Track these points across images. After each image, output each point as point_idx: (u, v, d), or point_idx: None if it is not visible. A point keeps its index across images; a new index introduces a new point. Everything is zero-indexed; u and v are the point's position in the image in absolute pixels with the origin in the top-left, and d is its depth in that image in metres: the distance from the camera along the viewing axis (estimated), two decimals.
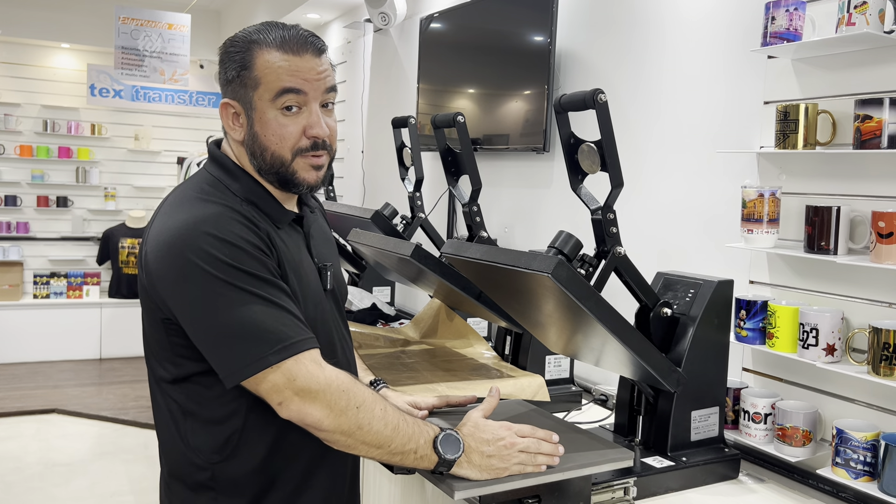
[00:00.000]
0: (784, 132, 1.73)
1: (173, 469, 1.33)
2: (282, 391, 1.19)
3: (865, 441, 1.54)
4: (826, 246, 1.64)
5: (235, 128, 1.32)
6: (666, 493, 1.59)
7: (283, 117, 1.28)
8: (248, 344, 1.17)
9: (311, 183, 1.33)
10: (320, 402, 1.20)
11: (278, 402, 1.20)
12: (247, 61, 1.28)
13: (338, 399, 1.20)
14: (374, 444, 1.23)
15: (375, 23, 3.98)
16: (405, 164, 2.64)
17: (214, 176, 1.32)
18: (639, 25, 2.34)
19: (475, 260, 1.49)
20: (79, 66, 7.18)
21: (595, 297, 1.36)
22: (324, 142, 1.31)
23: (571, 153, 1.63)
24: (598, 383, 2.31)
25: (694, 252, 2.11)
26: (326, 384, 1.20)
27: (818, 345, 1.64)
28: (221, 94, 1.34)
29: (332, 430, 1.21)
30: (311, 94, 1.29)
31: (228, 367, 1.19)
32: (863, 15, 1.57)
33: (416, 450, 1.25)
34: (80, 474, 4.33)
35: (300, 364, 1.19)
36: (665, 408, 1.67)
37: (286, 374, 1.18)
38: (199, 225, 1.20)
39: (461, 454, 1.28)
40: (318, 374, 1.20)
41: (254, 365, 1.18)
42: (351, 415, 1.21)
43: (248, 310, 1.18)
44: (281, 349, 1.18)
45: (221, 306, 1.18)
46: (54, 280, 6.92)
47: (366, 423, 1.22)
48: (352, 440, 1.22)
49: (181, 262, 1.19)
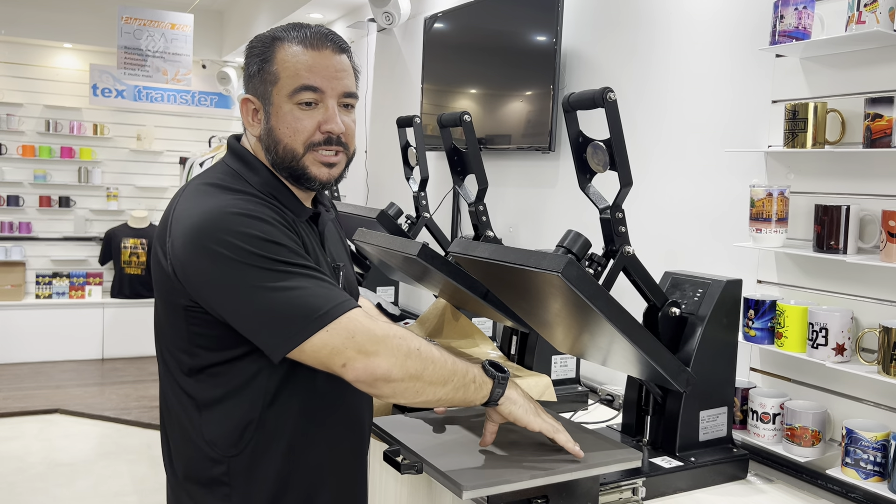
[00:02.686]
0: (793, 131, 1.72)
1: (187, 469, 1.32)
2: (343, 352, 1.18)
3: (875, 441, 1.53)
4: (835, 245, 1.63)
5: (254, 124, 1.33)
6: (675, 494, 1.58)
7: (298, 111, 1.29)
8: (298, 312, 1.17)
9: (323, 179, 1.32)
10: (384, 353, 1.19)
11: (342, 363, 1.18)
12: (267, 56, 1.30)
13: (399, 346, 1.20)
14: (440, 381, 1.24)
15: (379, 22, 3.98)
16: (410, 164, 2.64)
17: (234, 169, 1.33)
18: (645, 24, 2.34)
19: (484, 259, 1.49)
20: (81, 66, 7.18)
21: (605, 296, 1.36)
22: (338, 138, 1.31)
23: (580, 152, 1.62)
24: (604, 383, 2.30)
25: (701, 251, 2.10)
26: (384, 335, 1.20)
27: (828, 344, 1.63)
28: (244, 90, 1.35)
29: (401, 378, 1.20)
30: (329, 92, 1.29)
31: (280, 338, 1.18)
32: (873, 13, 1.56)
33: (474, 379, 1.28)
34: (83, 474, 4.33)
35: (353, 322, 1.19)
36: (673, 408, 1.66)
37: (343, 334, 1.18)
38: (227, 207, 1.21)
39: (508, 374, 1.32)
40: (374, 328, 1.20)
41: (306, 330, 1.16)
42: (414, 358, 1.21)
43: (291, 281, 1.17)
44: (332, 309, 1.18)
45: (264, 282, 1.17)
46: (56, 280, 6.92)
47: (430, 364, 1.23)
48: (420, 383, 1.22)
49: (215, 244, 1.18)
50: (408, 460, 1.40)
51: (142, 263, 7.06)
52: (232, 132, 7.19)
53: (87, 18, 6.70)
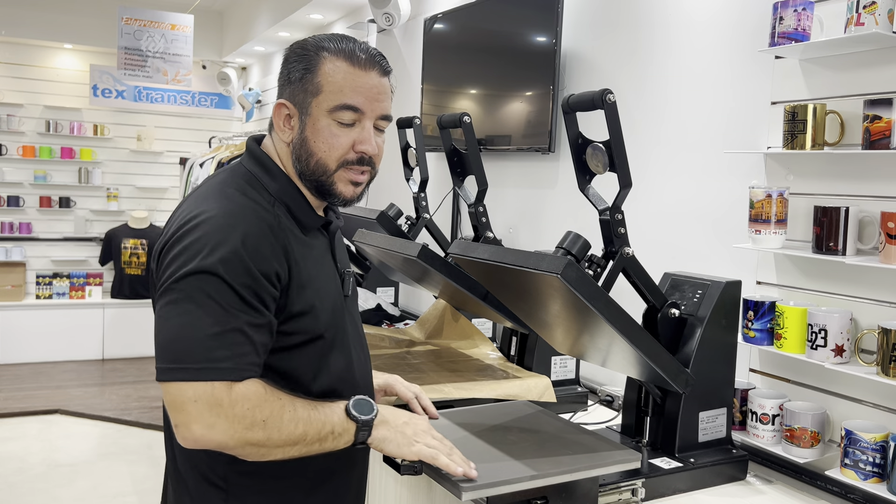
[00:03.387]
0: (792, 132, 1.72)
1: (186, 469, 1.32)
2: (180, 412, 1.13)
3: (874, 442, 1.53)
4: (834, 247, 1.64)
5: (286, 129, 1.32)
6: (674, 495, 1.59)
7: (336, 127, 1.28)
8: (177, 351, 1.13)
9: (348, 197, 1.33)
10: (220, 426, 1.13)
11: (175, 423, 1.15)
12: (313, 65, 1.28)
13: (242, 417, 1.15)
14: (288, 443, 1.19)
15: (379, 23, 3.98)
16: (410, 165, 2.64)
17: (252, 172, 1.32)
18: (644, 26, 2.34)
19: (483, 260, 1.49)
20: (81, 67, 7.19)
21: (604, 297, 1.36)
22: (370, 158, 1.32)
23: (579, 153, 1.62)
24: (603, 384, 2.31)
25: (701, 252, 2.11)
26: (230, 405, 1.14)
27: (827, 346, 1.63)
28: (278, 94, 1.34)
29: (240, 446, 1.16)
30: (369, 114, 1.30)
31: (157, 363, 1.16)
32: (872, 15, 1.56)
33: (332, 430, 1.23)
34: (83, 475, 4.33)
35: (213, 388, 1.13)
36: (673, 409, 1.67)
37: (188, 395, 1.13)
38: (218, 222, 1.19)
39: (376, 413, 1.27)
40: (223, 398, 1.13)
41: (169, 373, 1.14)
42: (258, 429, 1.16)
43: (203, 320, 1.14)
44: (203, 368, 1.13)
45: (184, 304, 1.14)
46: (57, 281, 6.92)
47: (275, 431, 1.17)
48: (264, 449, 1.18)
49: (189, 254, 1.17)
50: (407, 462, 1.40)
51: (142, 264, 7.06)
52: (232, 132, 7.21)
53: (87, 19, 6.71)
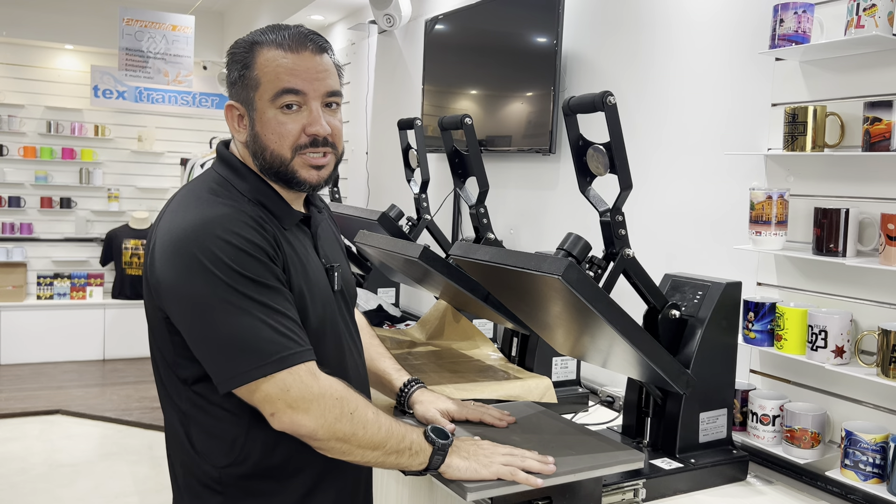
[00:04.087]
0: (792, 134, 1.73)
1: (185, 472, 1.33)
2: (274, 402, 1.18)
3: (875, 443, 1.54)
4: (835, 248, 1.64)
5: (240, 130, 1.33)
6: (675, 495, 1.59)
7: (282, 115, 1.28)
8: (245, 352, 1.17)
9: (313, 182, 1.32)
10: (314, 412, 1.19)
11: (270, 412, 1.19)
12: (248, 61, 1.29)
13: (331, 408, 1.20)
14: (370, 446, 1.23)
15: (380, 24, 3.98)
16: (411, 166, 2.64)
17: (222, 175, 1.33)
18: (645, 27, 2.35)
19: (485, 262, 1.50)
20: (82, 68, 7.19)
21: (605, 299, 1.37)
22: (325, 139, 1.30)
23: (580, 155, 1.63)
24: (604, 385, 2.31)
25: (701, 254, 2.11)
26: (319, 394, 1.19)
27: (827, 347, 1.64)
28: (228, 97, 1.35)
29: (326, 439, 1.20)
30: (311, 94, 1.29)
31: (223, 374, 1.18)
32: (872, 17, 1.57)
33: (410, 445, 1.27)
34: (84, 475, 4.34)
35: (293, 375, 1.18)
36: (673, 409, 1.67)
37: (279, 385, 1.18)
38: (207, 226, 1.20)
39: (451, 441, 1.32)
40: (311, 385, 1.19)
41: (248, 374, 1.17)
42: (346, 421, 1.21)
43: (248, 317, 1.17)
44: (278, 360, 1.17)
45: (222, 311, 1.17)
46: (58, 281, 6.93)
47: (360, 428, 1.22)
48: (348, 445, 1.22)
49: (187, 262, 1.18)
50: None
51: (143, 264, 7.06)
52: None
53: (88, 20, 6.72)
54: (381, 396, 1.85)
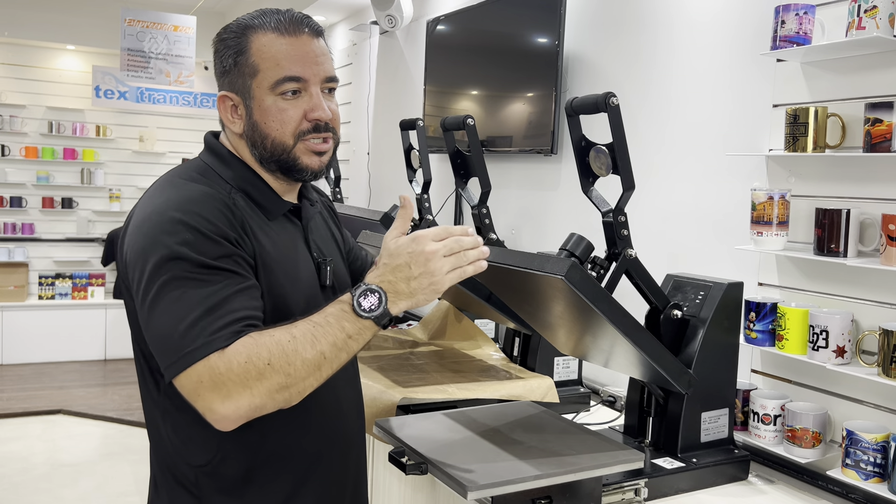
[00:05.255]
0: (794, 135, 1.74)
1: (161, 466, 1.27)
2: (199, 397, 1.06)
3: (876, 442, 1.54)
4: (836, 248, 1.65)
5: (235, 120, 1.27)
6: (676, 494, 1.60)
7: (282, 102, 1.23)
8: (174, 343, 1.07)
9: (315, 169, 1.27)
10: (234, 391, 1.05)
11: (202, 413, 1.07)
12: (242, 46, 1.23)
13: (248, 373, 1.05)
14: (311, 368, 1.09)
15: (382, 25, 3.99)
16: (413, 167, 2.65)
17: (207, 163, 1.28)
18: (647, 28, 2.35)
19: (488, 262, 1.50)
20: (84, 68, 7.20)
21: (608, 299, 1.37)
22: (326, 125, 1.26)
23: (583, 156, 1.63)
24: (605, 385, 2.32)
25: (703, 254, 2.12)
26: (227, 370, 1.05)
27: (828, 347, 1.64)
28: (218, 86, 1.28)
29: (266, 403, 1.07)
30: (312, 79, 1.23)
31: (162, 364, 1.09)
32: (873, 19, 1.57)
33: (348, 335, 1.12)
34: (86, 475, 4.35)
35: (210, 361, 1.05)
36: (675, 409, 1.68)
37: (194, 378, 1.06)
38: (168, 207, 1.14)
39: (385, 300, 1.13)
40: (219, 364, 1.05)
41: (173, 368, 1.07)
42: (270, 375, 1.06)
43: (181, 305, 1.08)
44: (198, 349, 1.05)
45: (165, 297, 1.09)
46: (59, 281, 6.94)
47: (287, 366, 1.07)
48: (291, 389, 1.08)
49: (142, 244, 1.13)
50: (412, 461, 1.41)
51: None
52: None
53: (89, 20, 6.72)
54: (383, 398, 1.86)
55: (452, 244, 1.18)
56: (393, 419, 1.63)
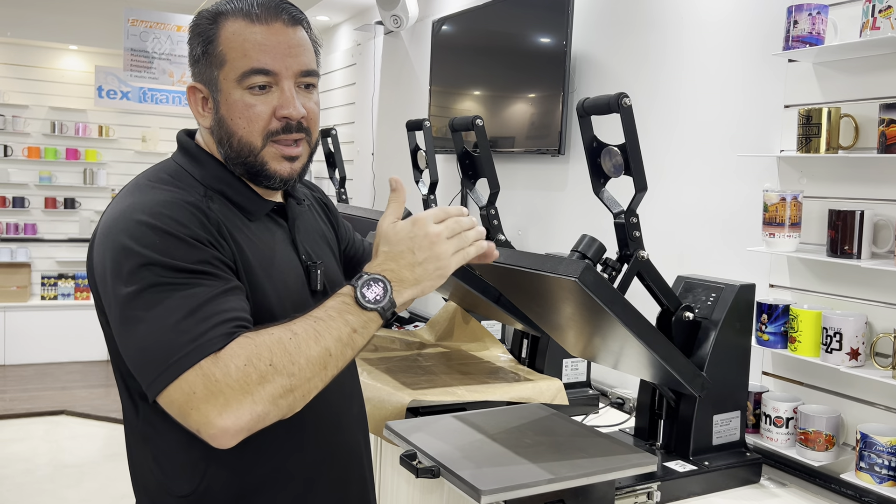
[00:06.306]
0: (806, 136, 1.72)
1: (143, 501, 1.20)
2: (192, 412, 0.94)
3: (890, 445, 1.53)
4: (849, 250, 1.63)
5: (205, 114, 1.16)
6: (689, 498, 1.59)
7: (250, 97, 1.12)
8: (156, 355, 0.97)
9: (285, 176, 1.16)
10: (233, 399, 0.94)
11: (197, 431, 0.95)
12: (212, 35, 1.12)
13: (248, 378, 0.95)
14: (315, 373, 0.99)
15: (387, 25, 3.98)
16: (419, 167, 2.64)
17: (178, 164, 1.18)
18: (656, 28, 2.34)
19: (499, 264, 1.49)
20: (86, 68, 7.20)
21: (621, 301, 1.36)
22: (298, 124, 1.14)
23: (594, 157, 1.62)
24: (614, 387, 2.30)
25: (714, 256, 2.10)
26: (224, 374, 0.94)
27: (842, 349, 1.63)
28: (191, 77, 1.18)
29: (275, 408, 0.96)
30: (283, 72, 1.12)
31: (143, 381, 0.99)
32: (888, 19, 1.56)
33: (353, 328, 1.02)
34: (90, 476, 4.34)
35: (203, 368, 0.95)
36: (687, 412, 1.67)
37: (189, 386, 0.95)
38: (134, 213, 1.04)
39: (390, 289, 1.05)
40: (215, 371, 0.95)
41: (160, 382, 0.96)
42: (272, 377, 0.96)
43: (160, 312, 0.98)
44: (185, 356, 0.95)
45: (140, 307, 0.98)
46: (62, 281, 6.93)
47: (291, 367, 0.97)
48: (297, 392, 0.98)
49: (108, 252, 1.03)
50: (424, 464, 1.40)
51: None
52: None
53: (92, 20, 6.72)
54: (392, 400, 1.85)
55: (454, 225, 1.11)
56: (403, 422, 1.62)
